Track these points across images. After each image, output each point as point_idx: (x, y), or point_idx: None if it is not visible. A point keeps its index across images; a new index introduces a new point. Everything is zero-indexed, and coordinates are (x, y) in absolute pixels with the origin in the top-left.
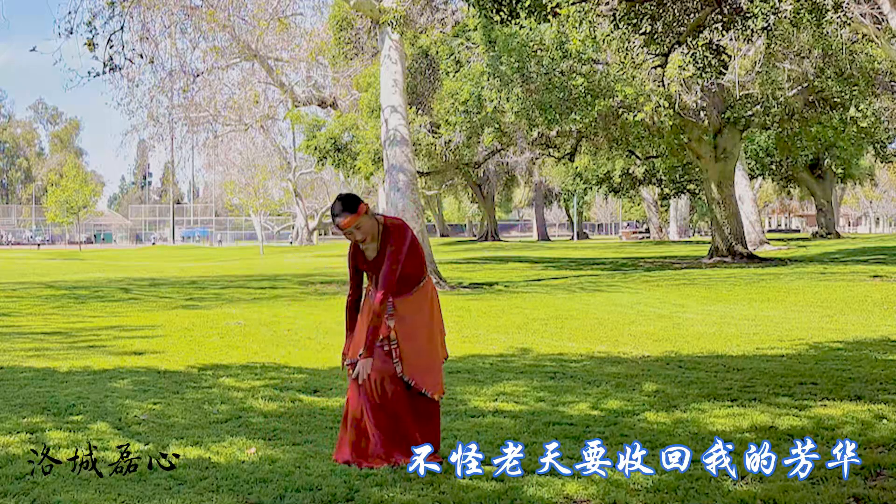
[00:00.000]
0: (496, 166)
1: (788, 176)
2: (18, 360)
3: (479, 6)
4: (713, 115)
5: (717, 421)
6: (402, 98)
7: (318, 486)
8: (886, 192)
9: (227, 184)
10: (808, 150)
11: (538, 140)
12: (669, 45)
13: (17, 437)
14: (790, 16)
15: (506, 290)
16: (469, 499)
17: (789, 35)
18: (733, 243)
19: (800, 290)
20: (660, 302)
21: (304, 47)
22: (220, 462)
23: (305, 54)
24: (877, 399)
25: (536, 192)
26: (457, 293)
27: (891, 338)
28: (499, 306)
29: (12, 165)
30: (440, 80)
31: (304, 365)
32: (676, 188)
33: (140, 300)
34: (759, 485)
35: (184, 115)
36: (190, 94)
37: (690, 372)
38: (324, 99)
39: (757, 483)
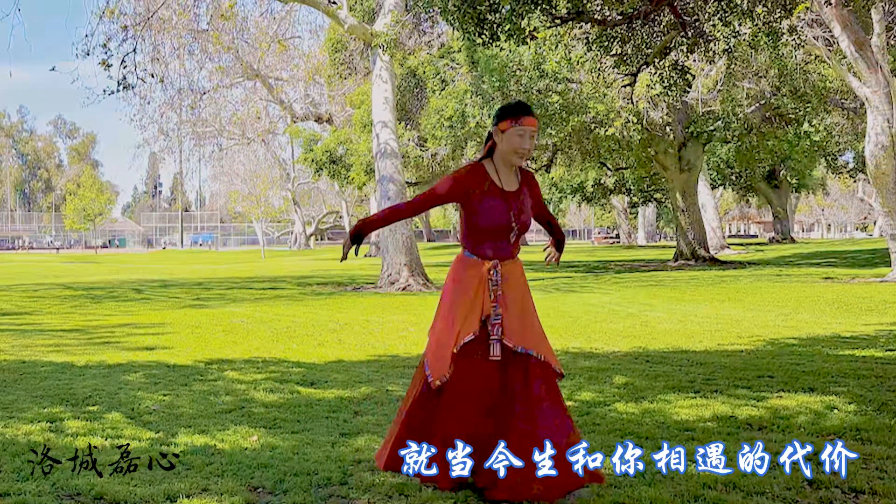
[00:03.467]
0: None
1: (747, 186)
2: (39, 355)
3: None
4: (678, 130)
5: (681, 411)
6: (392, 114)
7: (315, 471)
8: (837, 201)
9: (232, 193)
10: (765, 162)
11: None
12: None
13: (38, 425)
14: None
15: None
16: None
17: (748, 56)
18: (696, 248)
19: (757, 290)
20: (629, 302)
21: (302, 67)
22: (225, 449)
23: (303, 74)
24: (828, 391)
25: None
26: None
27: (841, 335)
28: None
29: (34, 176)
30: (427, 97)
31: (301, 359)
32: (644, 197)
33: (151, 300)
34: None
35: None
36: (197, 111)
37: (657, 366)
38: (320, 115)
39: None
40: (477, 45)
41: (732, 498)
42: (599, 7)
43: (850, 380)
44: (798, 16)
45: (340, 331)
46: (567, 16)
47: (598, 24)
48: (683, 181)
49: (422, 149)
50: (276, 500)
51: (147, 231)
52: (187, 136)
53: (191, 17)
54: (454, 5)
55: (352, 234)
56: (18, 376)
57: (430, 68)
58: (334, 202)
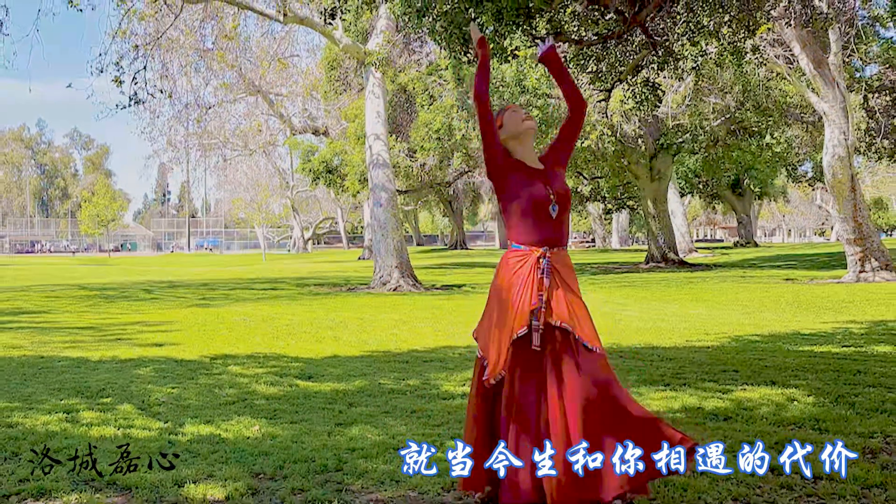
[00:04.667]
0: (464, 185)
1: (713, 193)
2: (56, 351)
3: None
4: (649, 142)
5: (652, 403)
6: (383, 127)
7: (312, 458)
8: (797, 208)
9: (235, 200)
10: (730, 172)
11: None
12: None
13: (56, 416)
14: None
15: (472, 291)
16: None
17: (714, 74)
18: (666, 251)
19: (723, 291)
20: (603, 301)
21: (300, 84)
22: (229, 438)
23: (301, 90)
24: (789, 384)
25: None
26: (430, 293)
27: (801, 332)
28: (466, 305)
29: (51, 185)
30: (416, 111)
31: (300, 355)
32: (618, 204)
33: (160, 300)
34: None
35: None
36: (203, 124)
37: (630, 361)
38: (317, 128)
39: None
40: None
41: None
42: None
43: (808, 374)
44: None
45: (336, 328)
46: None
47: (575, 43)
48: (654, 189)
49: (411, 159)
50: (276, 485)
51: (156, 236)
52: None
53: (197, 37)
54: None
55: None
56: (37, 370)
57: (419, 84)
58: (330, 209)
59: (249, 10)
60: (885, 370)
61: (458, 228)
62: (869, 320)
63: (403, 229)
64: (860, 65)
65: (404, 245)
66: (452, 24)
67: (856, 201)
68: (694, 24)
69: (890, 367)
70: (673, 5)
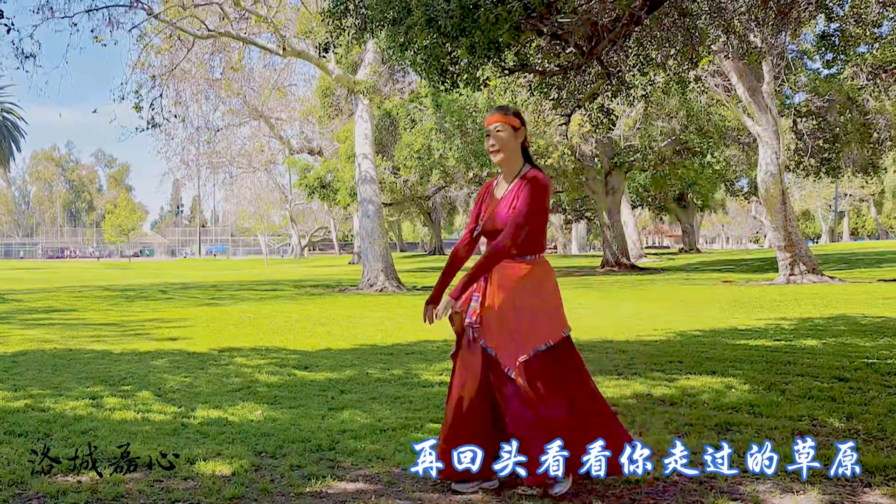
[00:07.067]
0: (442, 199)
1: (661, 206)
2: (83, 344)
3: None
4: (604, 161)
5: (607, 390)
6: (371, 148)
7: (308, 439)
8: (734, 218)
9: (240, 212)
10: (675, 187)
11: (473, 179)
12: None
13: (82, 402)
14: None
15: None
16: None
17: (662, 101)
18: (619, 257)
19: (669, 291)
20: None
21: (297, 109)
22: (235, 421)
23: (298, 115)
24: (727, 373)
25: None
26: (412, 294)
27: (737, 327)
28: None
29: (79, 198)
30: (399, 134)
31: (297, 348)
32: (577, 215)
33: (174, 299)
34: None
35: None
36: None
37: (586, 353)
38: (312, 148)
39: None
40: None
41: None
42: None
43: (744, 364)
44: (702, 67)
45: (329, 324)
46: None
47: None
48: (609, 202)
49: (395, 176)
50: (276, 462)
51: (171, 243)
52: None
53: (207, 68)
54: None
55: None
56: (66, 361)
57: (402, 110)
58: (324, 219)
59: (253, 45)
60: (812, 361)
61: (437, 236)
62: (797, 317)
63: (388, 237)
64: (790, 92)
65: (389, 251)
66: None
67: (786, 213)
68: (643, 57)
69: (816, 358)
70: (625, 40)
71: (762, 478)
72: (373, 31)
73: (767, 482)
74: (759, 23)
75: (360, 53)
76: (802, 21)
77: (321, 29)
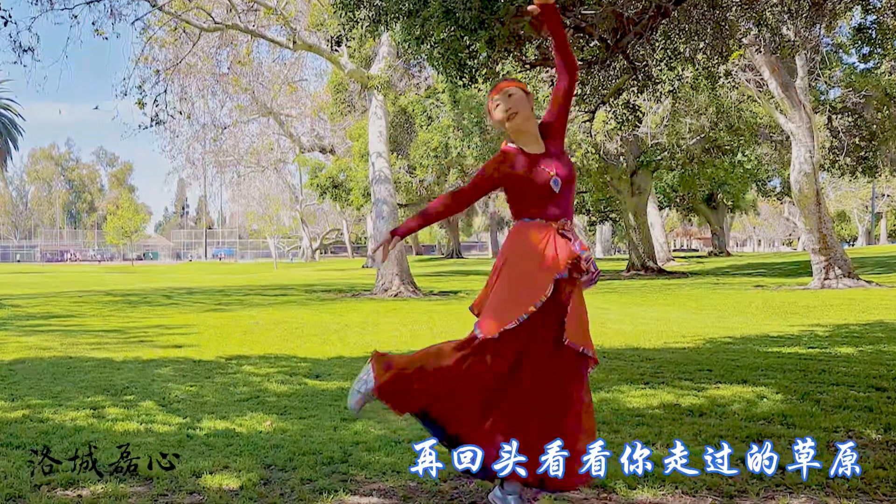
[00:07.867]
0: None
1: (689, 207)
2: (83, 352)
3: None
4: (630, 160)
5: (633, 400)
6: (385, 146)
7: (320, 451)
8: (766, 220)
9: (248, 213)
10: (704, 187)
11: None
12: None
13: (83, 412)
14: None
15: (467, 297)
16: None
17: (690, 96)
18: (646, 260)
19: (698, 296)
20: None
21: (308, 106)
22: (243, 432)
23: (310, 111)
24: (759, 382)
25: (491, 219)
26: (428, 299)
27: (770, 334)
28: (461, 309)
29: (79, 199)
30: (415, 131)
31: (308, 355)
32: (601, 216)
33: (179, 305)
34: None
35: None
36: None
37: (612, 361)
38: (324, 146)
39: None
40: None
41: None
42: None
43: (777, 373)
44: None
45: (341, 331)
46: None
47: None
48: (635, 203)
49: (411, 175)
50: (286, 476)
51: (176, 246)
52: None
53: (213, 62)
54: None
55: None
56: (66, 370)
57: (418, 106)
58: (336, 221)
59: (262, 38)
60: (848, 370)
61: (454, 239)
62: (832, 323)
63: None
64: (825, 88)
65: (404, 255)
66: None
67: (820, 214)
68: (671, 51)
69: (852, 366)
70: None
71: (796, 491)
72: (387, 24)
73: (801, 496)
74: (793, 15)
75: (373, 47)
76: (838, 13)
77: (333, 21)
